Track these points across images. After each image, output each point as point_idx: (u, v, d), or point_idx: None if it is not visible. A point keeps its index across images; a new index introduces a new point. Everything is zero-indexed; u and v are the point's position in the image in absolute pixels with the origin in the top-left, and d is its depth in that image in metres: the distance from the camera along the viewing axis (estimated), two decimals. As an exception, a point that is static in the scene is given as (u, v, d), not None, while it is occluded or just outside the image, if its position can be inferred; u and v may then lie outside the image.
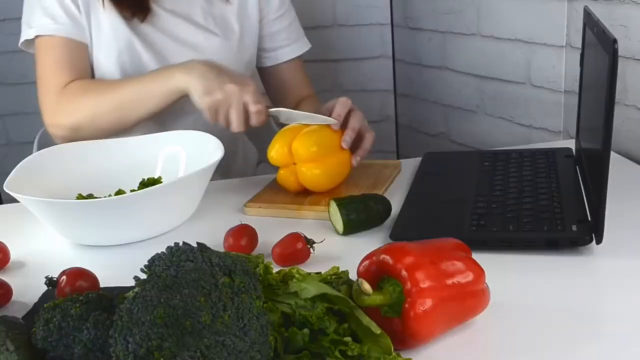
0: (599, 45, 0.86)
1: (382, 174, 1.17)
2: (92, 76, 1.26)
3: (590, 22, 0.95)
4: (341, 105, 1.11)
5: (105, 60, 1.24)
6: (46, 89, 1.23)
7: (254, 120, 1.10)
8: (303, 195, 1.09)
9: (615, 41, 0.75)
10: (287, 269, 0.73)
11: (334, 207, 0.97)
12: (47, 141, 1.35)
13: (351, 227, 0.96)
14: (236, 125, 1.11)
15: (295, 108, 1.37)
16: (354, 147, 1.12)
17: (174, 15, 1.27)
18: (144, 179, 1.09)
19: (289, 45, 1.39)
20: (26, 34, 1.24)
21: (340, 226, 0.96)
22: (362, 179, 1.14)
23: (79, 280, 0.80)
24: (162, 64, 1.25)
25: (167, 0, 1.27)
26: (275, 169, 1.11)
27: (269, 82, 1.43)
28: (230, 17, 1.31)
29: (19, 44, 1.26)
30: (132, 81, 1.19)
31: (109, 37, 1.23)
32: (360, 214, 0.96)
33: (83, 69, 1.24)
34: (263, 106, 1.10)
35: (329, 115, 1.10)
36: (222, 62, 1.27)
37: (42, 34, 1.22)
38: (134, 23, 1.24)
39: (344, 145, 1.09)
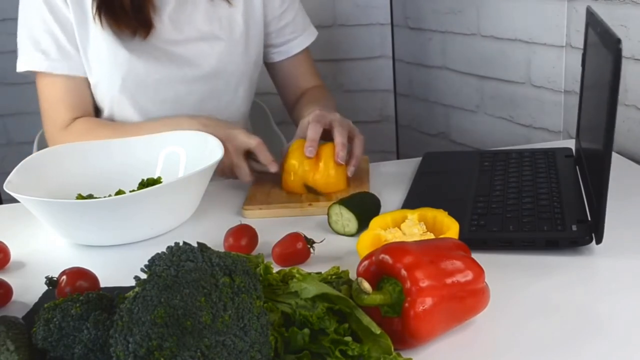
0: (601, 45, 0.86)
1: (358, 168, 1.15)
2: (95, 104, 1.26)
3: (593, 22, 0.95)
4: (314, 128, 1.09)
5: (108, 90, 1.22)
6: (51, 124, 1.23)
7: (262, 158, 1.11)
8: (299, 193, 1.09)
9: (619, 41, 0.75)
10: (287, 269, 0.73)
11: (340, 209, 0.96)
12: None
13: (362, 223, 0.94)
14: (244, 178, 1.13)
15: (298, 101, 1.37)
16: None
17: (177, 26, 1.24)
18: (143, 179, 1.09)
19: (297, 38, 1.38)
20: (19, 65, 1.21)
21: (354, 224, 0.95)
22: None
23: (79, 280, 0.80)
24: (169, 83, 1.23)
25: (169, 9, 1.23)
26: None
27: (276, 75, 1.42)
28: (237, 17, 1.28)
29: (17, 70, 1.23)
30: (138, 128, 1.18)
31: (110, 66, 1.20)
32: (365, 208, 0.97)
33: (84, 103, 1.24)
34: (258, 139, 1.11)
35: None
36: (229, 66, 1.26)
37: (34, 70, 1.20)
38: (134, 44, 1.20)
39: (340, 161, 1.08)
